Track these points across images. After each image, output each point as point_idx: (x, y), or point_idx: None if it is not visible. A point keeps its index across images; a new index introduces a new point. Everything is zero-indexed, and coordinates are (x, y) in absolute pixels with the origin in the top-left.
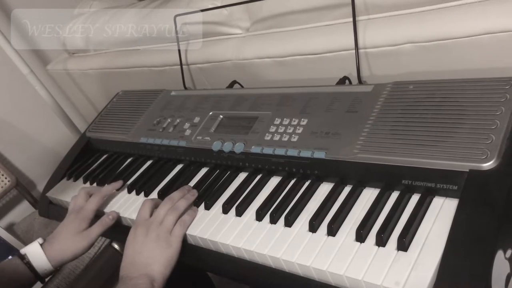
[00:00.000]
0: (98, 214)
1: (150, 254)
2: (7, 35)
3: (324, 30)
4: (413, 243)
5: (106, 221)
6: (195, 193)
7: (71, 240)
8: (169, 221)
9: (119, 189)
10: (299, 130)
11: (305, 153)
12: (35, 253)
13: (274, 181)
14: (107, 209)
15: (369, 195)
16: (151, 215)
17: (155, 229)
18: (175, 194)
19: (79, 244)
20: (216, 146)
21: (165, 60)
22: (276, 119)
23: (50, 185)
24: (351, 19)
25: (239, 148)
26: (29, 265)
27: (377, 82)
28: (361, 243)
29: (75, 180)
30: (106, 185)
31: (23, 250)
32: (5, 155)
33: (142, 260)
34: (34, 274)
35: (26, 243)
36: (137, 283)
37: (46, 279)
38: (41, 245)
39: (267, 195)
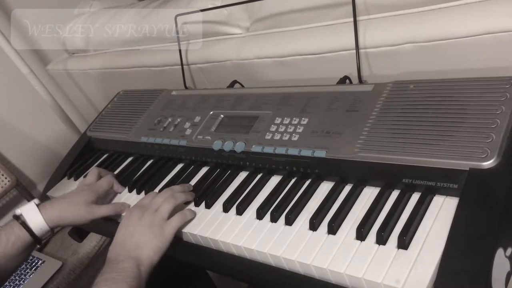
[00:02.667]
0: None
1: (141, 238)
2: (7, 35)
3: (324, 30)
4: (414, 242)
5: (116, 207)
6: (193, 194)
7: (76, 207)
8: (165, 209)
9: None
10: (300, 129)
11: (306, 152)
12: (30, 211)
13: (274, 180)
14: None
15: (369, 193)
16: None
17: (150, 214)
18: (176, 187)
19: (82, 214)
20: (216, 145)
21: (165, 60)
22: (277, 118)
23: (51, 184)
24: (351, 19)
25: (239, 147)
26: (24, 224)
27: (377, 81)
28: (361, 241)
29: (76, 179)
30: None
31: (18, 210)
32: (5, 155)
33: (133, 243)
34: (29, 233)
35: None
36: (123, 267)
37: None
38: (37, 205)
39: (267, 194)
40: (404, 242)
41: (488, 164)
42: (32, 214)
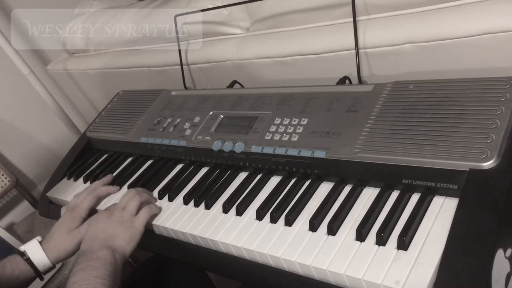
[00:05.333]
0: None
1: (113, 231)
2: (7, 35)
3: (324, 30)
4: (413, 242)
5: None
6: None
7: (64, 238)
8: (132, 205)
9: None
10: (300, 130)
11: (305, 153)
12: (34, 249)
13: (274, 180)
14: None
15: (369, 194)
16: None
17: (118, 212)
18: (139, 188)
19: (70, 242)
20: (216, 145)
21: (165, 60)
22: (277, 118)
23: (51, 184)
24: (351, 19)
25: (239, 147)
26: (29, 261)
27: (377, 82)
28: (361, 242)
29: (76, 179)
30: (103, 185)
31: (22, 248)
32: (5, 155)
33: (105, 235)
34: (34, 270)
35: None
36: (99, 255)
37: (45, 276)
38: (40, 242)
39: (267, 194)
40: (404, 243)
41: (488, 164)
42: (36, 253)
